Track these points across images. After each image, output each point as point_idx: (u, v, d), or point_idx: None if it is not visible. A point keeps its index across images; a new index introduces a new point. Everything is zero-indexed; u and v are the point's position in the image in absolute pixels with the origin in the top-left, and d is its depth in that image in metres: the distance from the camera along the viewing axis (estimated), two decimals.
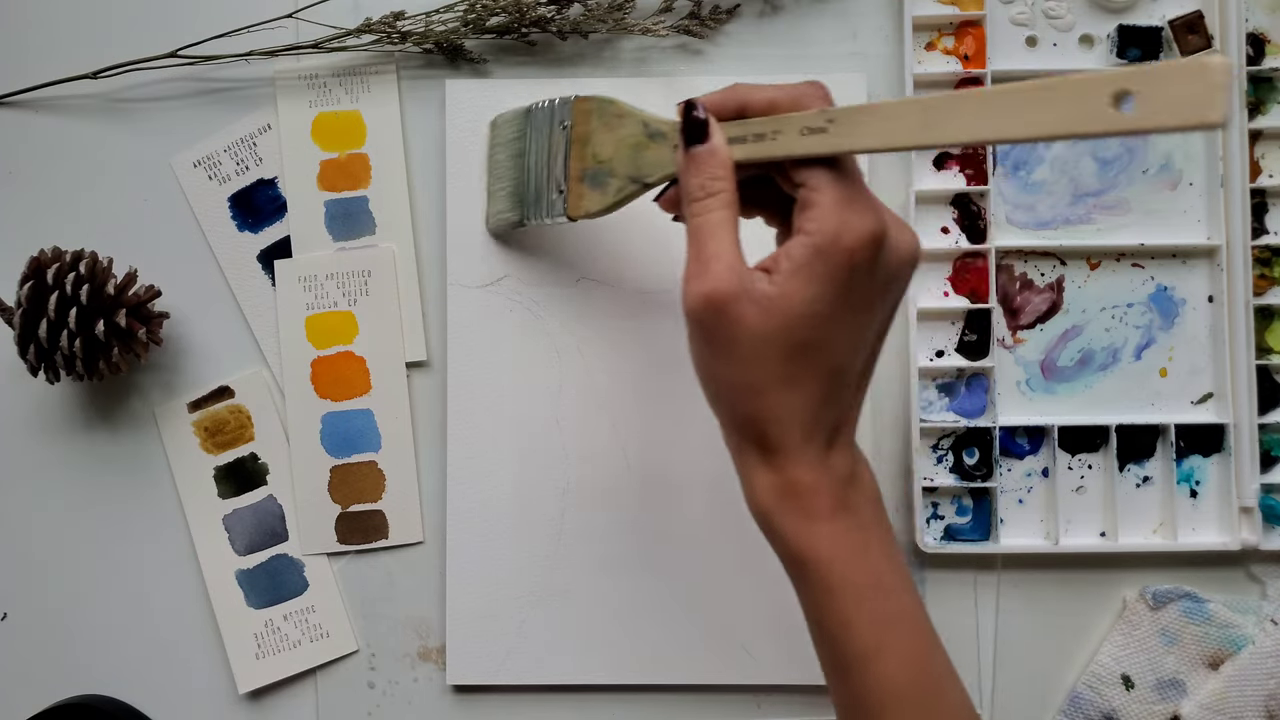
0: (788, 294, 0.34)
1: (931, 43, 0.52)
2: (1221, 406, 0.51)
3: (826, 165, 0.35)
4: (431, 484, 0.52)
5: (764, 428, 0.36)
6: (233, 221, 0.53)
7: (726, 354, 0.35)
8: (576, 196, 0.45)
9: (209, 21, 0.52)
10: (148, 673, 0.52)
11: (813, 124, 0.34)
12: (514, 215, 0.48)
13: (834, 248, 0.33)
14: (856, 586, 0.35)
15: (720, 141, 0.36)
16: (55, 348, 0.48)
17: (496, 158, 0.50)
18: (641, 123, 0.42)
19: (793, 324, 0.34)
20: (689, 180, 0.37)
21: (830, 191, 0.34)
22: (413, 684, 0.52)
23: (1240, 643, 0.49)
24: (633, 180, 0.42)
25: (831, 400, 0.35)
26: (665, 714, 0.51)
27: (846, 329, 0.35)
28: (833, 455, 0.36)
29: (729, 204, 0.36)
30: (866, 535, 0.36)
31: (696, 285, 0.35)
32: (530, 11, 0.50)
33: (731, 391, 0.36)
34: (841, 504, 0.36)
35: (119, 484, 0.53)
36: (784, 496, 0.36)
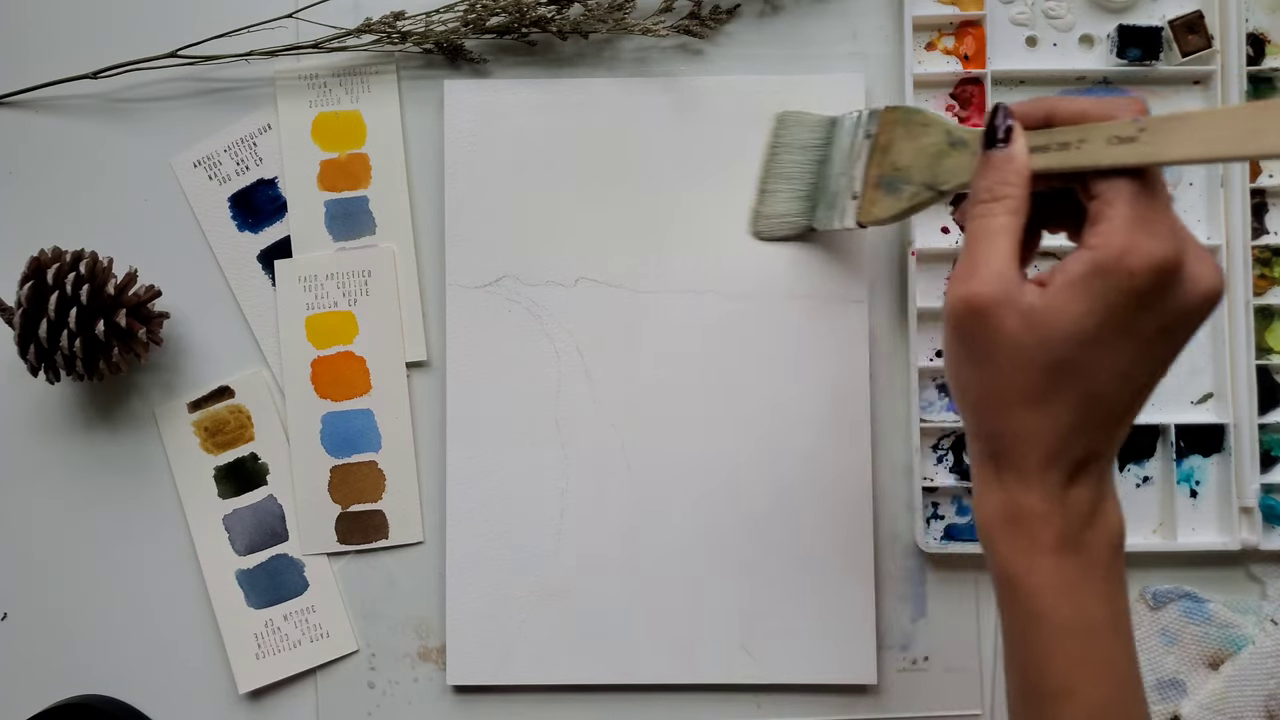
0: (1055, 308, 0.32)
1: (931, 43, 0.52)
2: (1221, 406, 0.51)
3: (1129, 179, 0.32)
4: (431, 484, 0.52)
5: (1005, 444, 0.34)
6: (233, 221, 0.53)
7: (980, 361, 0.34)
8: (869, 202, 0.44)
9: (209, 21, 0.52)
10: (148, 673, 0.52)
11: (1122, 133, 0.32)
12: (802, 220, 0.49)
13: (1115, 267, 0.31)
14: (1063, 623, 0.34)
15: (1020, 147, 0.35)
16: (55, 348, 0.48)
17: (784, 158, 0.50)
18: (945, 131, 0.41)
19: (1053, 340, 0.32)
20: (978, 182, 0.35)
21: (1125, 207, 0.32)
22: (413, 684, 0.52)
23: (1240, 643, 0.49)
24: (927, 187, 0.41)
25: (1083, 430, 0.33)
26: (665, 714, 0.51)
27: (1116, 358, 0.32)
28: (1074, 488, 0.34)
29: (1014, 211, 0.34)
30: (1089, 576, 0.34)
31: (960, 287, 0.33)
32: (530, 11, 0.50)
33: (979, 401, 0.35)
34: (1070, 541, 0.34)
35: (119, 484, 0.53)
36: (1008, 520, 0.34)
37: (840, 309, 0.51)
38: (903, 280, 0.51)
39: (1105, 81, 0.52)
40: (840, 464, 0.50)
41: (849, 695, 0.51)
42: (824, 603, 0.50)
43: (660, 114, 0.52)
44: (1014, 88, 0.52)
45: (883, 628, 0.51)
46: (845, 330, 0.51)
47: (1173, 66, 0.51)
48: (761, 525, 0.50)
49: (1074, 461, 0.34)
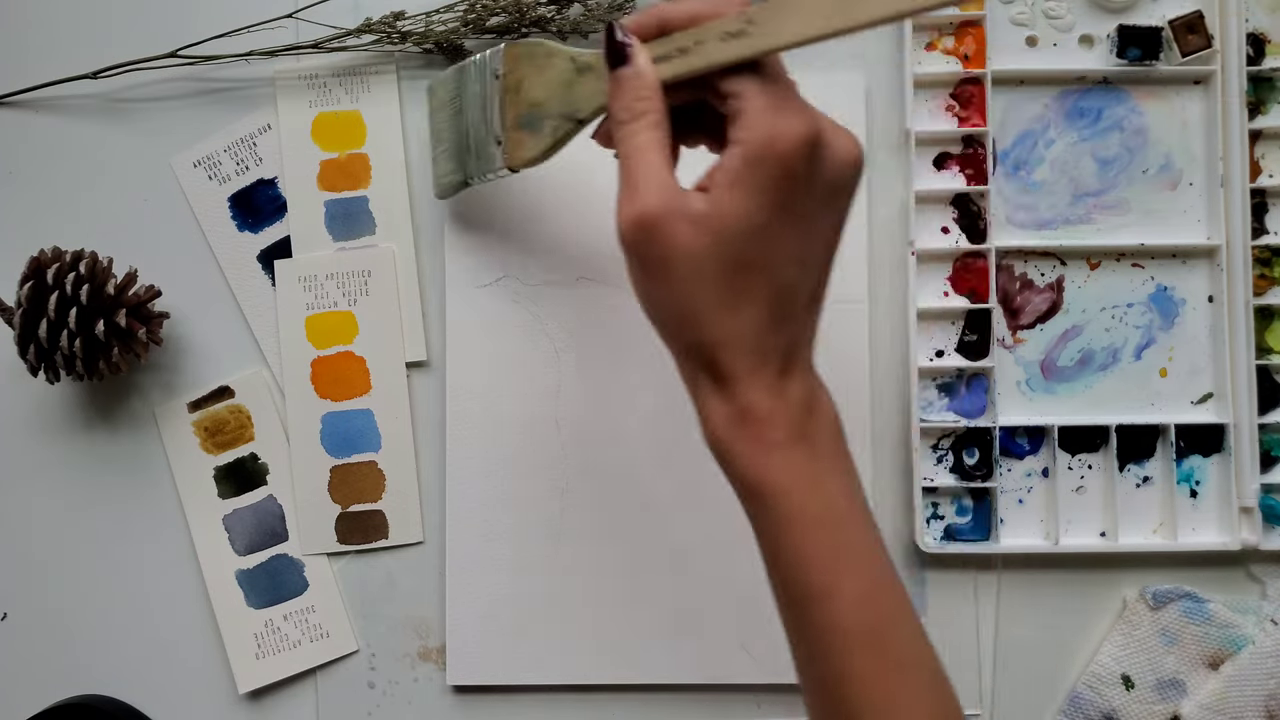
0: (722, 208, 0.32)
1: (931, 43, 0.52)
2: (1221, 406, 0.51)
3: (753, 72, 0.33)
4: (431, 484, 0.52)
5: (711, 354, 0.34)
6: (233, 221, 0.53)
7: (663, 278, 0.34)
8: (515, 145, 0.43)
9: (209, 21, 0.52)
10: (148, 673, 0.52)
11: (732, 28, 0.33)
12: (457, 175, 0.48)
13: (766, 154, 0.32)
14: (811, 519, 0.34)
15: (644, 61, 0.35)
16: (55, 348, 0.48)
17: (436, 121, 0.49)
18: (569, 58, 0.40)
19: (729, 240, 0.32)
20: (615, 104, 0.35)
21: (758, 98, 0.33)
22: (413, 684, 0.52)
23: (1240, 643, 0.49)
24: (566, 118, 0.41)
25: (780, 322, 0.34)
26: (665, 714, 0.51)
27: (789, 243, 0.33)
28: (788, 382, 0.34)
29: (657, 124, 0.34)
30: (822, 466, 0.35)
31: (626, 209, 0.34)
32: (530, 11, 0.50)
33: (674, 318, 0.35)
34: (799, 432, 0.34)
35: (119, 484, 0.53)
36: (738, 424, 0.34)
37: (839, 309, 0.51)
38: (903, 280, 0.51)
39: (1105, 81, 0.51)
40: None
41: None
42: None
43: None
44: (1014, 88, 0.52)
45: None
46: (845, 330, 0.51)
47: (1173, 66, 0.51)
48: None
49: (781, 355, 0.34)
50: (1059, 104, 0.52)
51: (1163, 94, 0.52)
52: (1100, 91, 0.52)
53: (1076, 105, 0.52)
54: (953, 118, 0.51)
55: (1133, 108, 0.52)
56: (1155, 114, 0.52)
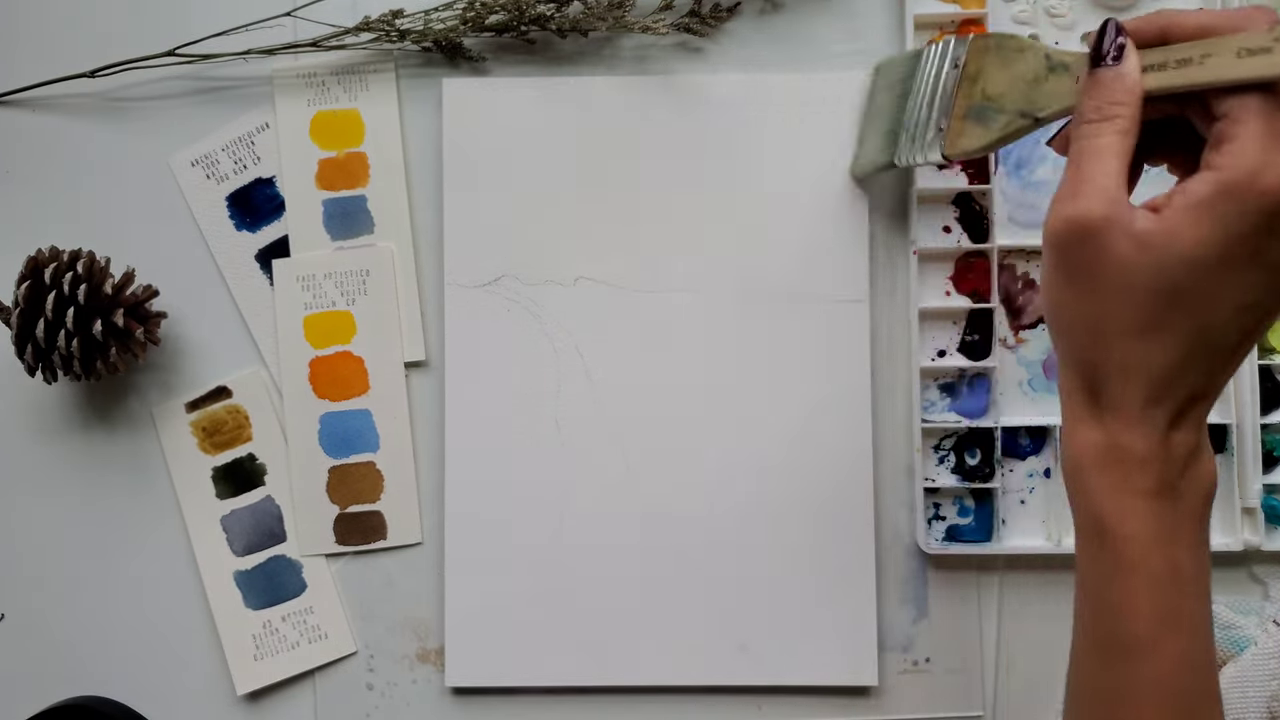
0: (1172, 231, 0.30)
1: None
2: (1224, 407, 0.50)
3: (1260, 94, 0.29)
4: (430, 484, 0.52)
5: (1104, 377, 0.32)
6: (230, 221, 0.53)
7: (1083, 286, 0.31)
8: (956, 134, 0.42)
9: (207, 20, 0.52)
10: (145, 674, 0.52)
11: (1254, 44, 0.29)
12: (884, 157, 0.47)
13: (1247, 187, 0.29)
14: (1153, 572, 0.32)
15: (1133, 64, 0.32)
16: (53, 347, 0.48)
17: (876, 100, 0.49)
18: (1044, 55, 0.38)
19: (1171, 265, 0.30)
20: (1086, 102, 0.32)
21: (1257, 123, 0.29)
22: (411, 685, 0.52)
23: (1242, 644, 0.49)
24: (1022, 115, 0.38)
25: (1192, 365, 0.31)
26: (666, 716, 0.51)
27: (1236, 285, 0.30)
28: (1176, 432, 0.32)
29: (1125, 131, 0.31)
30: (1181, 525, 0.32)
31: (1063, 206, 0.31)
32: (529, 9, 0.50)
33: (1080, 329, 0.32)
34: (1169, 487, 0.32)
35: (117, 484, 0.53)
36: (1105, 459, 0.32)
37: (840, 309, 0.51)
38: (905, 280, 0.51)
39: None
40: (841, 464, 0.50)
41: (850, 697, 0.51)
42: (825, 604, 0.50)
43: (660, 112, 0.51)
44: None
45: (884, 629, 0.51)
46: (845, 330, 0.51)
47: None
48: (762, 525, 0.50)
49: (1180, 401, 0.32)
50: None
51: None
52: None
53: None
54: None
55: None
56: None
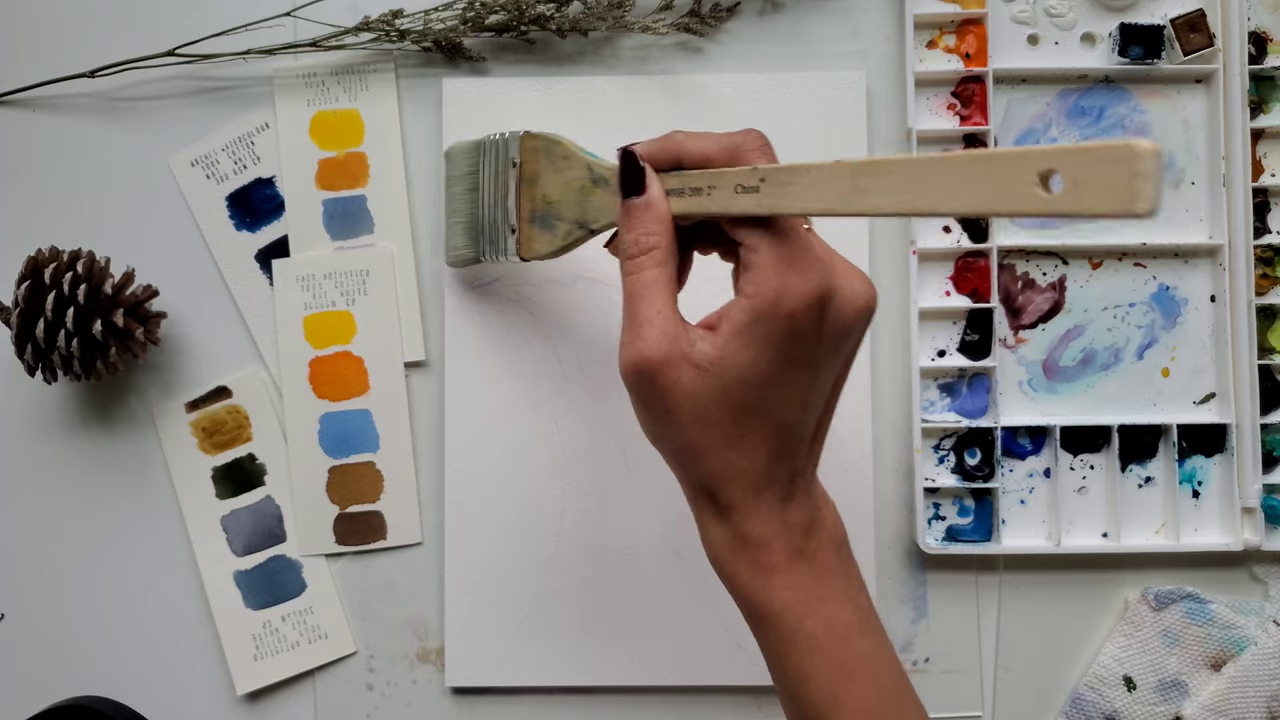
0: (725, 357, 0.33)
1: (933, 41, 0.52)
2: (1224, 406, 0.51)
3: (765, 222, 0.33)
4: (430, 484, 0.52)
5: (712, 486, 0.35)
6: (230, 221, 0.53)
7: (665, 418, 0.34)
8: (527, 238, 0.44)
9: (207, 20, 0.52)
10: (145, 674, 0.52)
11: (746, 182, 0.33)
12: (470, 251, 0.48)
13: (773, 311, 0.32)
14: (811, 637, 0.34)
15: (656, 193, 0.35)
16: (53, 347, 0.48)
17: (452, 190, 0.49)
18: (586, 166, 0.41)
19: (732, 387, 0.33)
20: (624, 235, 0.36)
21: (768, 251, 0.33)
22: (411, 685, 0.52)
23: (1242, 644, 0.49)
24: (579, 225, 0.41)
25: (782, 456, 0.35)
26: (665, 715, 0.51)
27: (793, 389, 0.34)
28: (789, 507, 0.35)
29: (663, 261, 0.35)
30: (823, 582, 0.35)
31: (628, 351, 0.34)
32: (529, 9, 0.50)
33: (675, 452, 0.35)
34: (797, 553, 0.35)
35: (117, 484, 0.53)
36: (737, 549, 0.35)
37: None
38: (903, 280, 0.51)
39: (1107, 80, 0.51)
40: (841, 464, 0.50)
41: None
42: None
43: (660, 112, 0.51)
44: (1016, 86, 0.51)
45: None
46: None
47: (1175, 65, 0.50)
48: None
49: (783, 484, 0.35)
50: (1061, 103, 0.52)
51: (1164, 93, 0.51)
52: (1102, 90, 0.51)
53: (1078, 104, 0.52)
54: (954, 116, 0.51)
55: (1134, 106, 0.51)
56: (1157, 113, 0.51)
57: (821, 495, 0.37)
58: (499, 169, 0.45)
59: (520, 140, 0.44)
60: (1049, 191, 0.27)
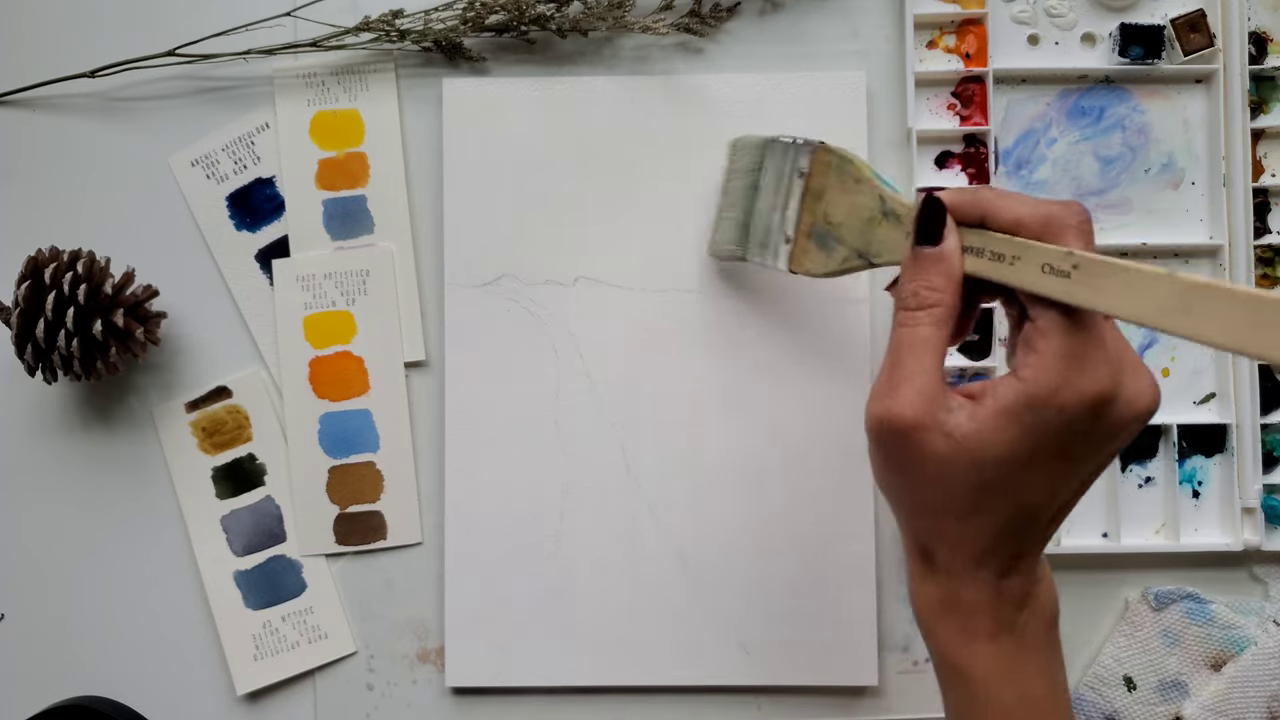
0: (984, 434, 0.32)
1: (933, 41, 0.52)
2: (1224, 406, 0.51)
3: (1061, 312, 0.31)
4: (430, 484, 0.52)
5: (934, 545, 0.34)
6: (230, 221, 0.53)
7: (904, 474, 0.33)
8: (802, 251, 0.43)
9: (207, 20, 0.52)
10: (145, 674, 0.52)
11: (1057, 264, 0.31)
12: (738, 250, 0.47)
13: (1048, 403, 0.31)
14: (1005, 707, 0.34)
15: (953, 247, 0.34)
16: (53, 347, 0.47)
17: (731, 183, 0.48)
18: (879, 196, 0.39)
19: (983, 464, 0.32)
20: (906, 284, 0.34)
21: (1058, 340, 0.31)
22: (411, 686, 0.52)
23: (1242, 644, 0.49)
24: (860, 255, 0.40)
25: (1014, 535, 0.33)
26: (666, 716, 0.51)
27: (1045, 476, 0.32)
28: (1007, 580, 0.34)
29: (941, 320, 0.33)
30: (1025, 656, 0.34)
31: (879, 404, 0.33)
32: (529, 9, 0.50)
33: (904, 507, 0.35)
34: (1006, 625, 0.34)
35: (117, 484, 0.53)
36: (946, 611, 0.35)
37: (840, 309, 0.51)
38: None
39: (1107, 80, 0.51)
40: (841, 464, 0.50)
41: (850, 697, 0.51)
42: (824, 604, 0.50)
43: (660, 112, 0.51)
44: (1016, 86, 0.51)
45: (884, 629, 0.50)
46: (845, 330, 0.51)
47: (1175, 65, 0.50)
48: (762, 525, 0.50)
49: (1005, 560, 0.34)
50: (1061, 103, 0.52)
51: (1165, 93, 0.51)
52: (1102, 90, 0.51)
53: (1078, 104, 0.52)
54: (954, 116, 0.51)
55: (1135, 106, 0.51)
56: (1157, 113, 0.51)
57: (1042, 569, 0.36)
58: (785, 174, 0.44)
59: (813, 152, 0.43)
60: None
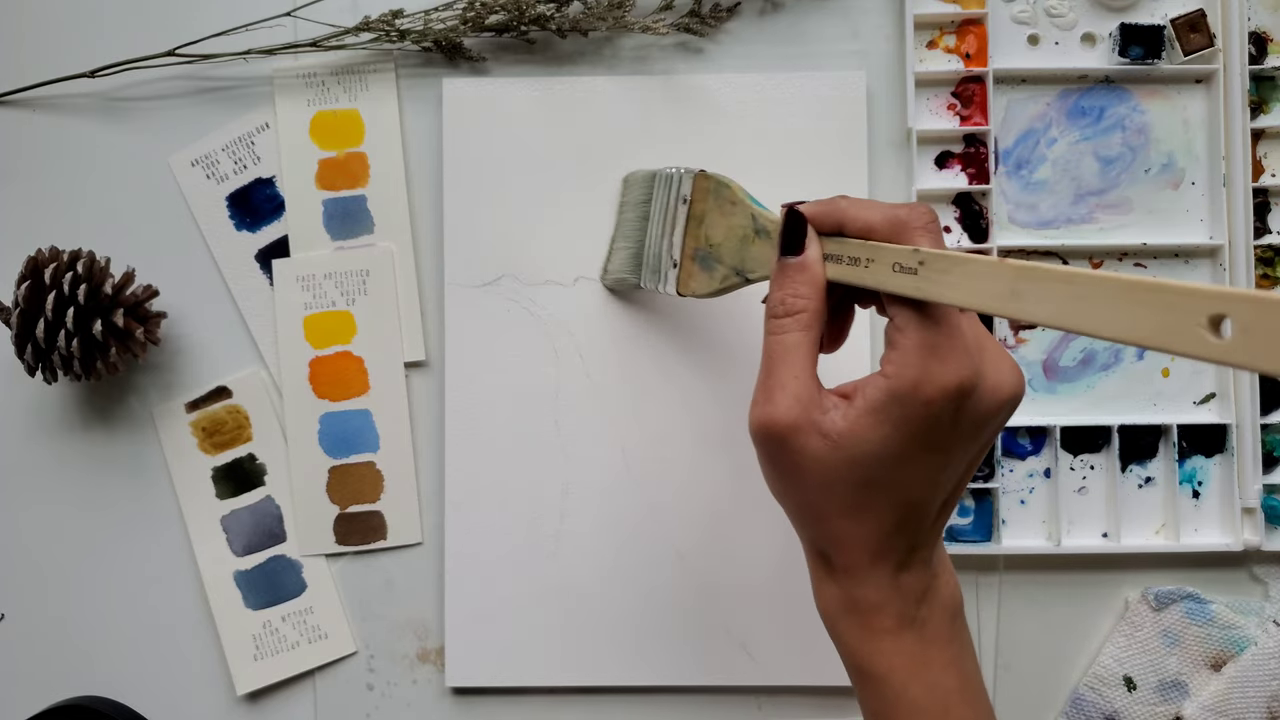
0: (857, 432, 0.33)
1: (933, 41, 0.52)
2: (1224, 406, 0.51)
3: (915, 308, 0.32)
4: (430, 484, 0.52)
5: (829, 549, 0.35)
6: (230, 221, 0.53)
7: (789, 478, 0.34)
8: (687, 274, 0.45)
9: (207, 20, 0.52)
10: (145, 674, 0.52)
11: (905, 262, 0.32)
12: (632, 278, 0.48)
13: (911, 397, 0.32)
14: (914, 703, 0.34)
15: (814, 255, 0.35)
16: (53, 347, 0.47)
17: (625, 215, 0.50)
18: (751, 215, 0.41)
19: (860, 461, 0.33)
20: (774, 293, 0.36)
21: (915, 334, 0.32)
22: (411, 686, 0.52)
23: (1242, 644, 0.49)
24: (736, 272, 0.42)
25: (903, 530, 0.34)
26: (665, 715, 0.51)
27: (923, 469, 0.33)
28: (904, 575, 0.35)
29: (808, 325, 0.34)
30: (930, 650, 0.35)
31: (758, 411, 0.34)
32: (529, 9, 0.50)
33: (794, 511, 0.36)
34: (908, 620, 0.35)
35: (117, 485, 0.53)
36: (847, 611, 0.35)
37: None
38: None
39: (1107, 80, 0.51)
40: None
41: (850, 697, 0.51)
42: None
43: (660, 112, 0.51)
44: (1016, 86, 0.51)
45: None
46: None
47: (1175, 65, 0.50)
48: (762, 525, 0.50)
49: (901, 554, 0.34)
50: (1061, 103, 0.52)
51: (1165, 93, 0.51)
52: (1102, 90, 0.51)
53: (1078, 104, 0.52)
54: (954, 116, 0.51)
55: (1135, 106, 0.51)
56: (1157, 113, 0.51)
57: (941, 562, 0.36)
58: (670, 202, 0.46)
59: (694, 178, 0.44)
60: (1218, 336, 0.25)
